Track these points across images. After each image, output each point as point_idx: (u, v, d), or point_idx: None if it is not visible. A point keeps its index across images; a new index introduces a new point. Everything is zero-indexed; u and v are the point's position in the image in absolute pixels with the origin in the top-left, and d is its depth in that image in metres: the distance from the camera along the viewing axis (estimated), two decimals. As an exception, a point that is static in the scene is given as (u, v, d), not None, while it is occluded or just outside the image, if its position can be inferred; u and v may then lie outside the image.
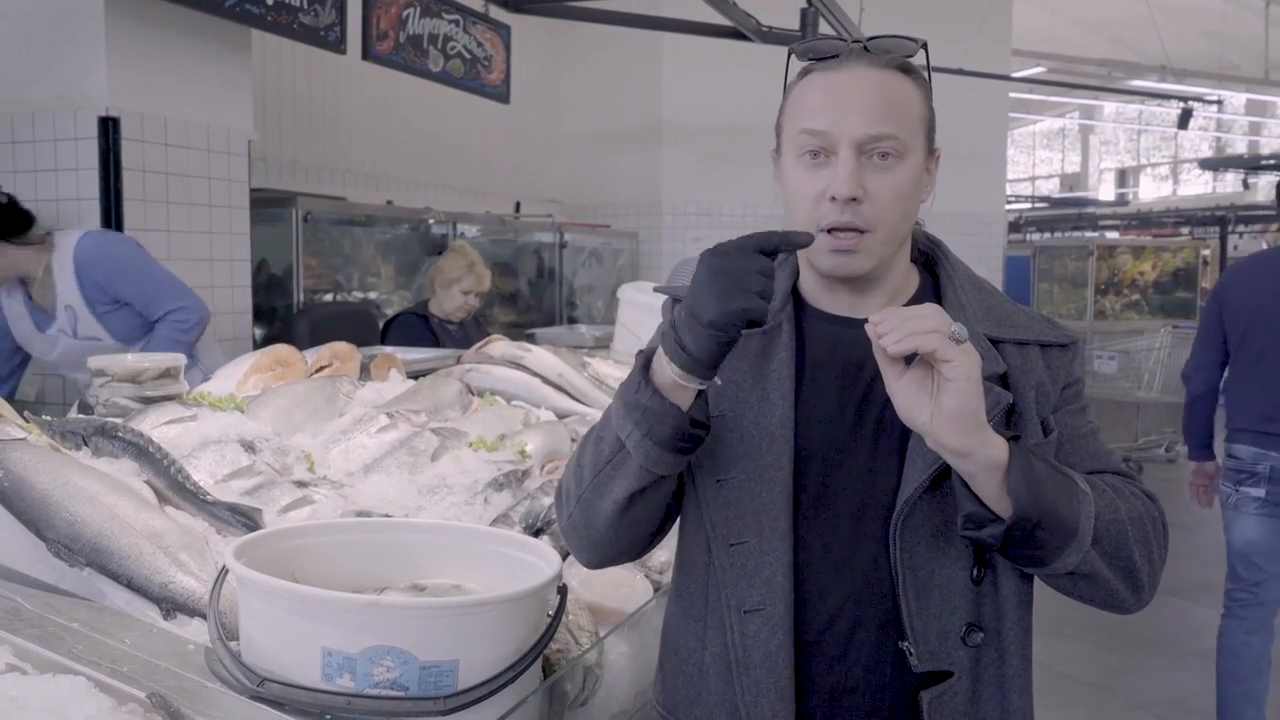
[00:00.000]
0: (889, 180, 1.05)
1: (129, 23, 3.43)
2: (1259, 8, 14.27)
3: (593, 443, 1.08)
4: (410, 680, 1.01)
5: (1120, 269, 9.35)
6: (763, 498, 1.07)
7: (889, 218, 1.05)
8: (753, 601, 1.07)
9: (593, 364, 2.56)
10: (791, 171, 1.09)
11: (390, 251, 5.50)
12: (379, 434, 1.68)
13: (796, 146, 1.08)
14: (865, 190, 1.04)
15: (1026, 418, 1.08)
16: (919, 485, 1.04)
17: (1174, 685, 3.58)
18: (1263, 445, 3.03)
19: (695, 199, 8.01)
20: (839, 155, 1.04)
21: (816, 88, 1.08)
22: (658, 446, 1.00)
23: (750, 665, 1.07)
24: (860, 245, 1.05)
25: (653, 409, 0.99)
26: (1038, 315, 1.17)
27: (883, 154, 1.04)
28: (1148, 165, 26.39)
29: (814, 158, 1.06)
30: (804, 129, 1.07)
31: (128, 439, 1.37)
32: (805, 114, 1.07)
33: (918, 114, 1.08)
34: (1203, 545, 5.63)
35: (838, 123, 1.04)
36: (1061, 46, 14.50)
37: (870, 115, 1.04)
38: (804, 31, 5.09)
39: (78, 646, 1.07)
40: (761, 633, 1.06)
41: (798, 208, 1.08)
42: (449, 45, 4.93)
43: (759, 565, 1.07)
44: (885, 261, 1.09)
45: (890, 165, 1.05)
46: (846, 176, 1.03)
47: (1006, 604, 1.08)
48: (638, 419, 1.00)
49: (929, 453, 1.02)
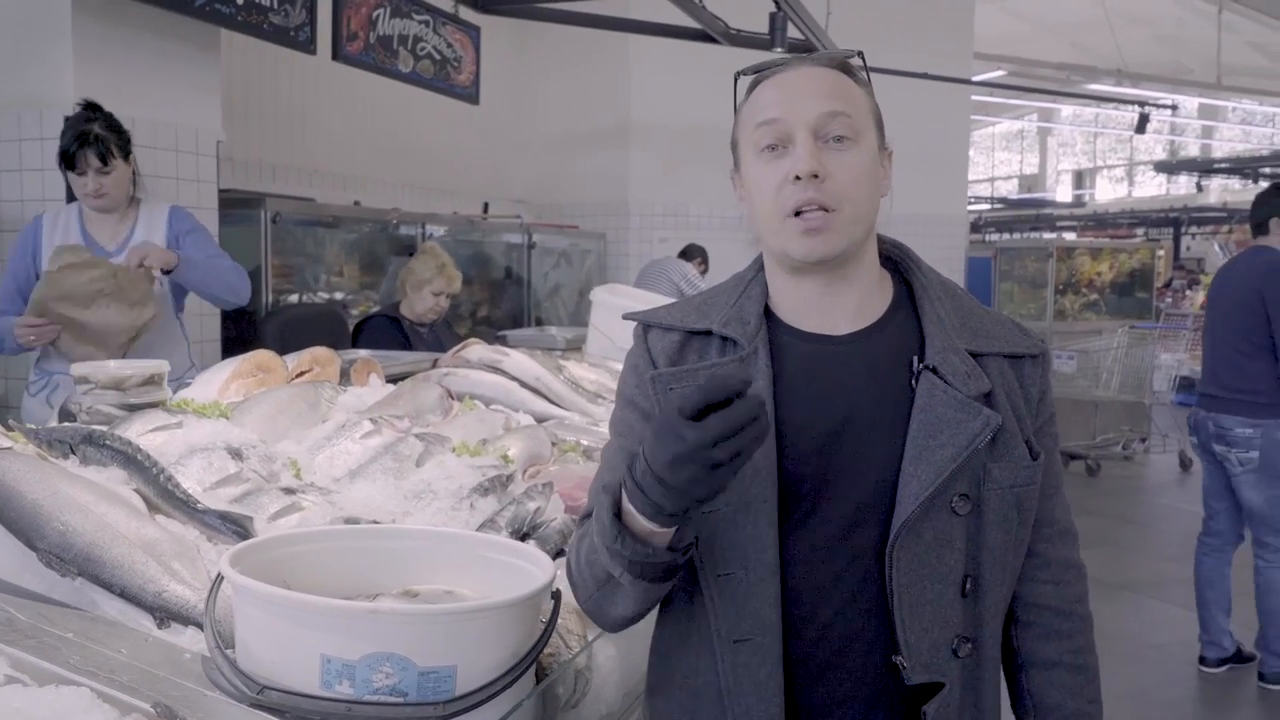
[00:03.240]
0: (848, 159, 1.06)
1: (96, 22, 3.40)
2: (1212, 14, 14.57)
3: (586, 561, 1.07)
4: (409, 686, 1.03)
5: (1078, 270, 9.51)
6: (749, 530, 1.06)
7: (852, 196, 1.06)
8: (742, 631, 1.07)
9: (568, 367, 2.57)
10: (751, 171, 1.10)
11: (357, 252, 5.47)
12: (363, 439, 1.68)
13: (754, 144, 1.09)
14: (825, 169, 1.05)
15: (1013, 440, 1.10)
16: (915, 508, 1.04)
17: (1134, 678, 3.68)
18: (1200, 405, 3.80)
19: (662, 200, 8.05)
20: (796, 140, 1.06)
21: (767, 88, 1.10)
22: (652, 583, 1.00)
23: (741, 693, 1.07)
24: (829, 223, 1.05)
25: (638, 559, 0.98)
26: (1007, 320, 1.18)
27: (838, 136, 1.06)
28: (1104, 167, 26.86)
29: (772, 150, 1.07)
30: (759, 122, 1.08)
31: (116, 447, 1.37)
32: (759, 111, 1.09)
33: (866, 105, 1.10)
34: (1157, 542, 5.76)
35: (790, 110, 1.06)
36: (1021, 50, 14.71)
37: (821, 98, 1.07)
38: (772, 35, 5.12)
39: (74, 657, 1.07)
40: (752, 662, 1.07)
41: (761, 203, 1.09)
42: (419, 46, 4.93)
43: (747, 596, 1.07)
44: (856, 246, 1.09)
45: (846, 147, 1.06)
46: (806, 154, 1.05)
47: (987, 613, 1.10)
48: (625, 565, 0.99)
49: (923, 472, 1.04)
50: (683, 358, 1.13)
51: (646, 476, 0.92)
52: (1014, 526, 1.10)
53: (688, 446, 0.88)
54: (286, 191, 5.33)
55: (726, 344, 1.12)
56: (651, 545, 0.97)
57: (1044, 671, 1.18)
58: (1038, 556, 1.17)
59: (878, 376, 1.09)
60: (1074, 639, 1.18)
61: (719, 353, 1.12)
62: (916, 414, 1.06)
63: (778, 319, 1.14)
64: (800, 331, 1.12)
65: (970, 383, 1.07)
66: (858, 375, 1.09)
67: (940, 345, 1.09)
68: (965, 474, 1.06)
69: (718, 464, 0.89)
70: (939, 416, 1.06)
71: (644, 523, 0.96)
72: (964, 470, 1.05)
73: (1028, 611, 1.18)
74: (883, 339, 1.12)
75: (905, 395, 1.08)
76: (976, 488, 1.07)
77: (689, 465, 0.89)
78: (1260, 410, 3.48)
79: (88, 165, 2.73)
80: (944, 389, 1.06)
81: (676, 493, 0.92)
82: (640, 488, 0.93)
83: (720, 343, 1.12)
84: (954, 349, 1.09)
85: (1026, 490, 1.11)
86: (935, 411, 1.06)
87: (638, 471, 0.94)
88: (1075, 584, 1.20)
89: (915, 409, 1.07)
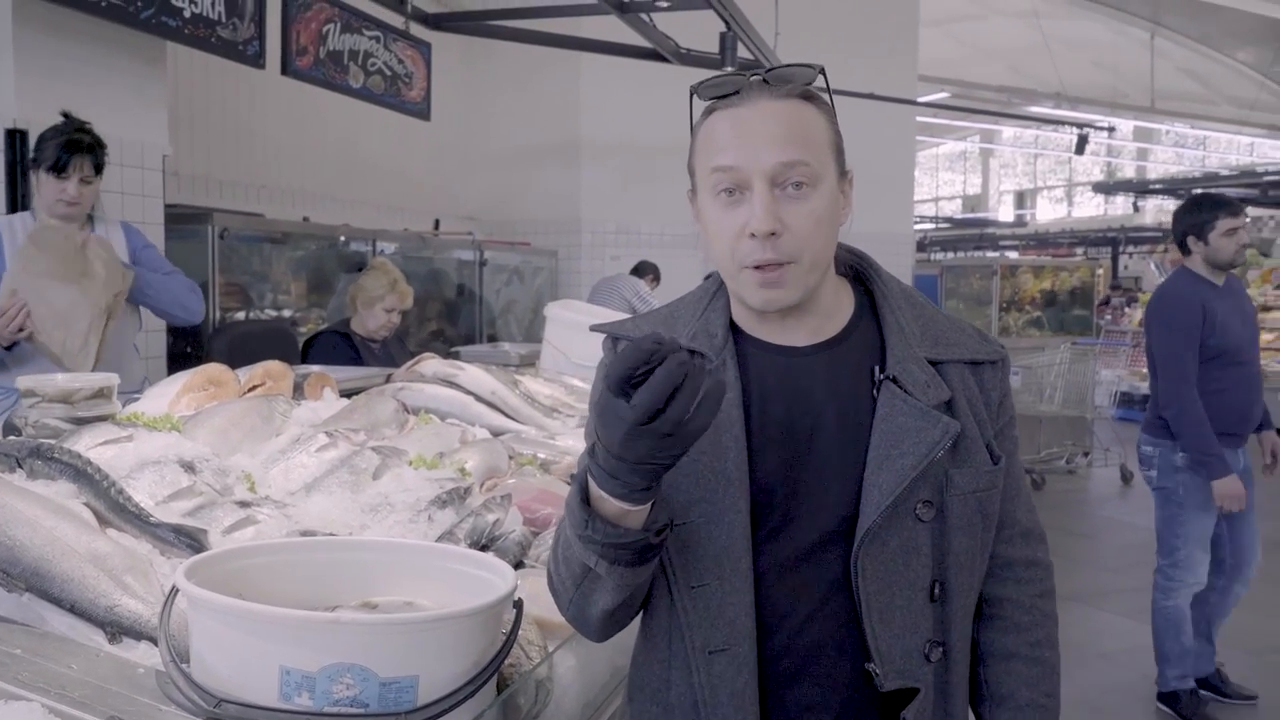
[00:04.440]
0: (806, 209, 1.04)
1: (38, 33, 3.33)
2: (1145, 41, 15.06)
3: (562, 558, 1.06)
4: (370, 697, 1.01)
5: (1022, 287, 9.73)
6: (722, 541, 1.06)
7: (811, 246, 1.05)
8: (717, 642, 1.07)
9: (524, 382, 2.57)
10: (708, 210, 1.08)
11: (306, 269, 5.41)
12: (319, 453, 1.67)
13: (710, 186, 1.07)
14: (783, 223, 1.03)
15: (974, 446, 1.11)
16: (877, 516, 1.05)
17: (1082, 685, 3.75)
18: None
19: (614, 217, 8.08)
20: (753, 190, 1.03)
21: (723, 123, 1.07)
22: (627, 568, 0.98)
23: (718, 704, 1.08)
24: (785, 277, 1.05)
25: (610, 542, 0.96)
26: (968, 327, 1.19)
27: (796, 184, 1.04)
28: (1044, 188, 27.49)
29: (729, 195, 1.05)
30: (715, 167, 1.06)
31: (65, 460, 1.34)
32: (714, 151, 1.06)
33: (825, 139, 1.07)
34: (1101, 553, 5.88)
35: (748, 158, 1.04)
36: (962, 73, 15.06)
37: (779, 146, 1.03)
38: (722, 54, 5.19)
39: (23, 673, 1.05)
40: (727, 672, 1.07)
41: (718, 247, 1.08)
42: (369, 61, 4.90)
43: (722, 607, 1.07)
44: (813, 288, 1.09)
45: (805, 194, 1.04)
46: (763, 212, 1.02)
47: (955, 616, 1.11)
48: (598, 551, 0.97)
49: (885, 481, 1.05)
50: None
51: (607, 458, 0.91)
52: (978, 530, 1.12)
53: (627, 424, 0.86)
54: (234, 207, 5.26)
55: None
56: (624, 526, 0.96)
57: (1002, 662, 1.19)
58: (1001, 557, 1.18)
59: (842, 387, 1.11)
60: (1033, 632, 1.20)
61: None
62: (878, 424, 1.08)
63: (743, 332, 1.14)
64: (765, 343, 1.13)
65: (930, 392, 1.09)
66: (823, 386, 1.10)
67: (900, 355, 1.11)
68: (927, 481, 1.08)
69: (667, 434, 0.87)
70: (900, 426, 1.07)
71: (616, 504, 0.94)
72: (926, 477, 1.07)
73: (990, 606, 1.19)
74: (845, 350, 1.13)
75: (868, 405, 1.10)
76: (939, 494, 1.09)
77: (639, 440, 0.87)
78: (1159, 430, 3.47)
79: (77, 172, 2.70)
80: (904, 399, 1.08)
81: (642, 467, 0.90)
82: (605, 471, 0.91)
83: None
84: (914, 358, 1.11)
85: (988, 495, 1.13)
86: (896, 421, 1.07)
87: (599, 455, 0.92)
88: (1039, 581, 1.22)
89: (876, 419, 1.08)
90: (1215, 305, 3.38)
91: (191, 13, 3.62)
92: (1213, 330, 3.36)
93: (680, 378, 0.86)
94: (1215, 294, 3.41)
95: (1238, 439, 3.44)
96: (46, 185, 2.72)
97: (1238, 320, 3.44)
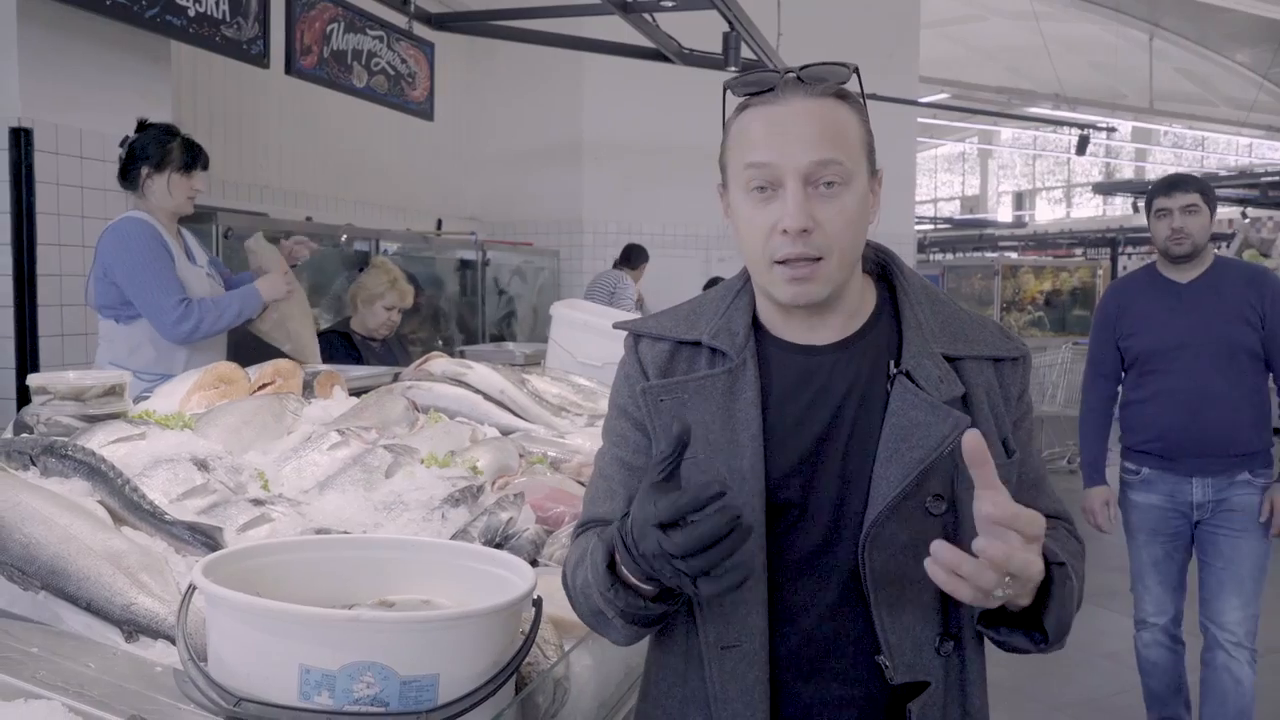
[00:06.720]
0: (837, 207, 1.06)
1: (43, 31, 3.32)
2: (1144, 42, 15.07)
3: (581, 591, 1.09)
4: (391, 696, 1.01)
5: (1023, 287, 9.73)
6: None
7: (841, 244, 1.07)
8: (730, 638, 1.08)
9: (531, 380, 2.57)
10: (740, 207, 1.10)
11: (308, 268, 5.39)
12: (331, 451, 1.66)
13: (743, 182, 1.08)
14: (815, 220, 1.04)
15: (989, 440, 1.09)
16: (884, 509, 1.06)
17: (1087, 686, 3.74)
18: None
19: (615, 217, 8.07)
20: (786, 188, 1.05)
21: (757, 122, 1.08)
22: (644, 627, 1.04)
23: (728, 699, 1.08)
24: (815, 273, 1.06)
25: (631, 610, 1.02)
26: (990, 324, 1.19)
27: (829, 182, 1.05)
28: (1043, 189, 27.50)
29: (761, 192, 1.07)
30: (749, 163, 1.07)
31: (79, 458, 1.33)
32: (749, 148, 1.08)
33: (858, 138, 1.09)
34: (1104, 553, 5.87)
35: (782, 155, 1.05)
36: (961, 74, 15.06)
37: (813, 145, 1.05)
38: (725, 55, 5.17)
39: (41, 672, 1.04)
40: (739, 668, 1.08)
41: (749, 242, 1.09)
42: (373, 61, 4.90)
43: (735, 604, 1.08)
44: (841, 285, 1.11)
45: (837, 193, 1.06)
46: (795, 209, 1.04)
47: (967, 611, 1.11)
48: (620, 610, 1.02)
49: (893, 474, 1.05)
50: (672, 367, 1.15)
51: (635, 550, 0.95)
52: None
53: (660, 552, 0.90)
54: (238, 206, 5.25)
55: (715, 355, 1.13)
56: (644, 597, 1.00)
57: None
58: None
59: (860, 384, 1.11)
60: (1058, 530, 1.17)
61: (708, 364, 1.14)
62: (889, 418, 1.08)
63: (765, 330, 1.15)
64: (786, 343, 1.14)
65: (943, 387, 1.09)
66: (841, 383, 1.11)
67: (915, 350, 1.11)
68: (937, 475, 1.08)
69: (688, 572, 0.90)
70: (910, 420, 1.08)
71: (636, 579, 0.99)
72: (935, 471, 1.07)
73: None
74: (863, 347, 1.13)
75: (883, 401, 1.10)
76: (950, 488, 1.09)
77: (666, 565, 0.91)
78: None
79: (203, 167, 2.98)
80: (915, 393, 1.08)
81: (662, 574, 0.94)
82: (630, 555, 0.95)
83: (709, 354, 1.14)
84: (929, 354, 1.11)
85: None
86: (907, 415, 1.08)
87: (628, 538, 0.95)
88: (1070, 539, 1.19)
89: (888, 413, 1.09)
90: (1142, 305, 3.01)
91: (196, 12, 3.61)
92: (1131, 331, 3.02)
93: (725, 531, 0.88)
94: (1154, 293, 3.00)
95: (1167, 461, 2.97)
96: (177, 185, 2.93)
97: (1181, 326, 2.92)
